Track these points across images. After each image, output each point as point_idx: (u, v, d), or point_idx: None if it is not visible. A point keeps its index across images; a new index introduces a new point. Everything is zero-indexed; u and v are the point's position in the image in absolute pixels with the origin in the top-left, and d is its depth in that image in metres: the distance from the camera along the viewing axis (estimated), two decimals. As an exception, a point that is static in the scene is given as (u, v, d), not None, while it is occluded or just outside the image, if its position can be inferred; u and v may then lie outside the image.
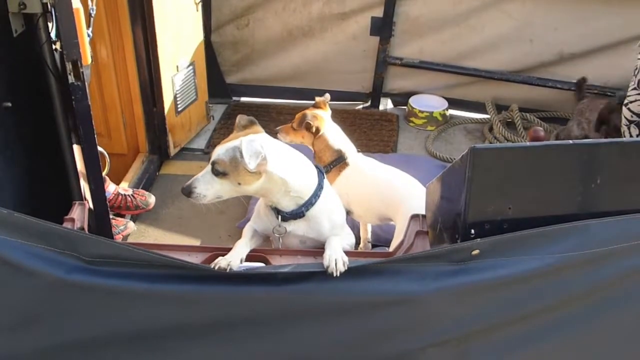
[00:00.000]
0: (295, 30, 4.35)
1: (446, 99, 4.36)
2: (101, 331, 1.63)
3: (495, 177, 1.54)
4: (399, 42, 4.31)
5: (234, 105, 4.50)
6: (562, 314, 1.63)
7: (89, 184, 2.24)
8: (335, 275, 1.60)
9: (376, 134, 4.16)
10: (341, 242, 1.92)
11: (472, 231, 1.57)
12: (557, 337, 1.66)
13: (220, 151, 1.95)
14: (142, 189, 3.40)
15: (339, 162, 2.64)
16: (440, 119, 4.28)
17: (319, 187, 2.07)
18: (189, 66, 3.75)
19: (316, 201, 2.05)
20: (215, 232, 3.21)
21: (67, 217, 1.97)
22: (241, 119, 2.10)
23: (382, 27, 4.23)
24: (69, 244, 1.55)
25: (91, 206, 2.23)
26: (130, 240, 3.10)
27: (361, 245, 2.86)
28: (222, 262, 1.66)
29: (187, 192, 1.95)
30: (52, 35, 2.04)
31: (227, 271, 1.64)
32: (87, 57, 2.13)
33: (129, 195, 3.23)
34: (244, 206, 3.13)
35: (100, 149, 2.31)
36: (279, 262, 1.87)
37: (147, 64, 3.43)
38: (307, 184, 2.05)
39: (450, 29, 4.18)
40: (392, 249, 2.20)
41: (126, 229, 3.12)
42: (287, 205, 2.04)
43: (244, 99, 4.63)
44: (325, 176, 2.16)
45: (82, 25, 2.10)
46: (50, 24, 2.04)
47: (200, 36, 3.87)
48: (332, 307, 1.62)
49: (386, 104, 4.56)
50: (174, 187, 3.52)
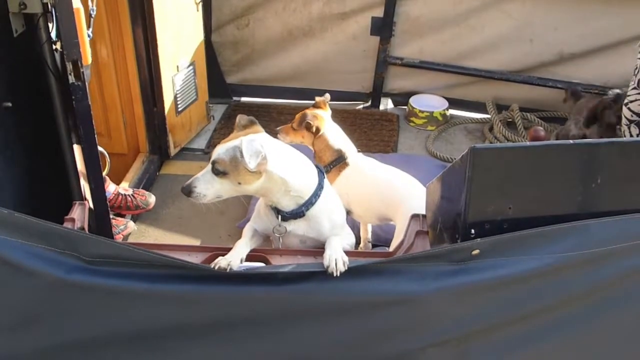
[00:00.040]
0: (295, 30, 4.35)
1: (446, 98, 4.36)
2: (101, 331, 1.63)
3: (495, 177, 1.54)
4: (399, 42, 4.31)
5: (234, 105, 4.49)
6: (562, 314, 1.63)
7: (89, 183, 2.24)
8: (335, 275, 1.60)
9: (376, 133, 4.15)
10: (341, 242, 1.92)
11: (472, 231, 1.57)
12: (557, 337, 1.66)
13: (220, 151, 1.95)
14: (142, 188, 3.40)
15: (339, 162, 2.64)
16: (440, 118, 4.27)
17: (319, 186, 2.07)
18: (189, 66, 3.74)
19: (316, 201, 2.05)
20: (215, 232, 3.21)
21: (68, 217, 1.97)
22: (241, 118, 2.10)
23: (383, 27, 4.23)
24: (69, 243, 1.55)
25: (91, 206, 2.23)
26: (130, 240, 3.10)
27: (361, 245, 2.86)
28: (222, 262, 1.66)
29: (187, 191, 1.95)
30: (53, 35, 2.04)
31: (227, 271, 1.64)
32: (87, 57, 2.13)
33: (129, 195, 3.23)
34: (244, 206, 3.12)
35: (100, 148, 2.31)
36: (279, 262, 1.87)
37: (148, 63, 3.43)
38: (307, 183, 2.05)
39: (450, 29, 4.18)
40: (392, 248, 2.20)
41: (126, 228, 3.12)
42: (287, 204, 2.04)
43: (244, 99, 4.63)
44: (325, 176, 2.16)
45: (83, 25, 2.10)
46: (50, 24, 2.04)
47: (200, 36, 3.87)
48: (332, 307, 1.62)
49: (386, 104, 4.56)
50: (174, 187, 3.51)
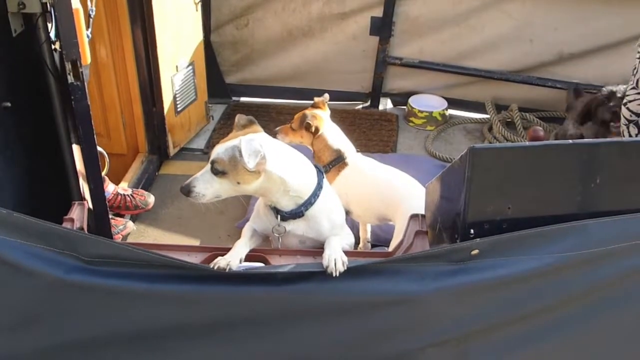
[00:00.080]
0: (295, 30, 4.35)
1: (446, 98, 4.36)
2: (101, 331, 1.63)
3: (494, 177, 1.54)
4: (398, 42, 4.31)
5: (234, 105, 4.49)
6: (561, 313, 1.63)
7: (89, 183, 2.24)
8: (334, 275, 1.60)
9: (376, 133, 4.15)
10: (341, 242, 1.91)
11: (472, 231, 1.57)
12: (557, 337, 1.66)
13: (219, 150, 1.94)
14: (141, 189, 3.40)
15: (338, 162, 2.64)
16: (439, 118, 4.27)
17: (319, 186, 2.07)
18: (188, 66, 3.74)
19: (315, 201, 2.05)
20: (214, 232, 3.21)
21: (67, 217, 1.97)
22: (240, 118, 2.10)
23: (382, 27, 4.23)
24: (68, 243, 1.55)
25: (90, 206, 2.23)
26: (129, 240, 3.10)
27: (361, 245, 2.86)
28: (221, 262, 1.66)
29: (186, 191, 1.95)
30: (52, 35, 2.04)
31: (227, 271, 1.64)
32: (86, 57, 2.12)
33: (128, 195, 3.23)
34: (243, 206, 3.12)
35: (99, 149, 2.31)
36: (279, 262, 1.87)
37: (147, 64, 3.43)
38: (306, 183, 2.05)
39: (450, 29, 4.18)
40: (391, 249, 2.20)
41: (125, 228, 3.12)
42: (287, 204, 2.04)
43: (243, 99, 4.63)
44: (324, 176, 2.16)
45: (82, 25, 2.10)
46: (49, 24, 2.04)
47: (199, 36, 3.87)
48: (332, 307, 1.62)
49: (386, 104, 4.56)
50: (174, 187, 3.51)
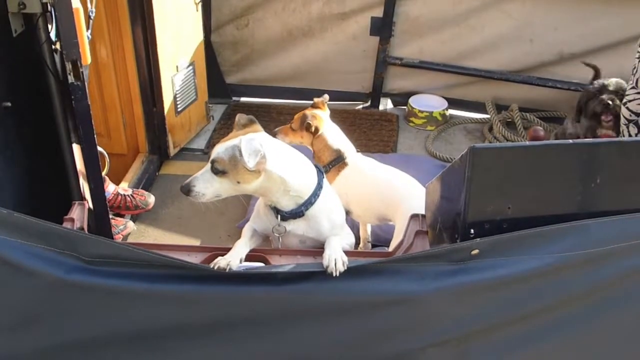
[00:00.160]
0: (295, 30, 4.35)
1: (446, 98, 4.36)
2: (101, 331, 1.63)
3: (494, 176, 1.54)
4: (398, 42, 4.30)
5: (234, 105, 4.49)
6: (561, 313, 1.63)
7: (89, 183, 2.24)
8: (334, 275, 1.60)
9: (376, 134, 4.15)
10: (341, 242, 1.91)
11: (472, 231, 1.57)
12: (557, 337, 1.66)
13: (219, 150, 1.94)
14: (141, 189, 3.40)
15: (338, 162, 2.64)
16: (440, 118, 4.27)
17: (319, 186, 2.07)
18: (188, 66, 3.74)
19: (316, 200, 2.05)
20: (215, 232, 3.21)
21: (67, 217, 1.97)
22: (241, 117, 2.09)
23: (382, 27, 4.23)
24: (68, 243, 1.55)
25: (91, 206, 2.23)
26: (129, 240, 3.10)
27: (361, 245, 2.86)
28: (221, 262, 1.66)
29: (186, 190, 1.95)
30: (52, 35, 2.04)
31: (227, 271, 1.64)
32: (86, 57, 2.12)
33: (128, 195, 3.23)
34: (244, 206, 3.12)
35: (100, 149, 2.31)
36: (279, 262, 1.87)
37: (147, 64, 3.43)
38: (306, 183, 2.05)
39: (450, 29, 4.18)
40: (391, 248, 2.20)
41: (126, 228, 3.12)
42: (287, 204, 2.04)
43: (243, 99, 4.63)
44: (324, 176, 2.16)
45: (82, 25, 2.10)
46: (49, 24, 2.04)
47: (200, 36, 3.87)
48: (332, 307, 1.62)
49: (386, 104, 4.56)
50: (174, 187, 3.51)
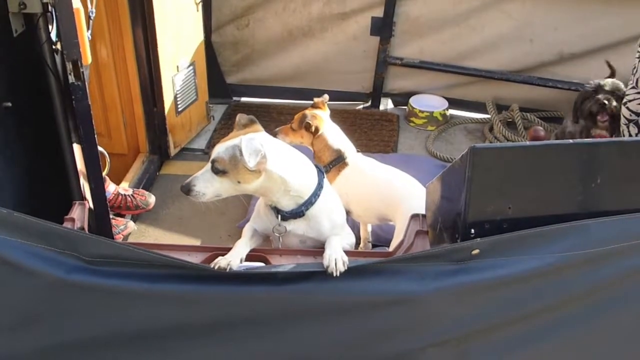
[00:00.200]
0: (295, 30, 4.35)
1: (446, 98, 4.36)
2: (101, 331, 1.63)
3: (495, 176, 1.54)
4: (399, 42, 4.30)
5: (234, 105, 4.49)
6: (562, 313, 1.63)
7: (89, 183, 2.24)
8: (335, 275, 1.60)
9: (376, 134, 4.15)
10: (341, 242, 1.91)
11: (472, 231, 1.57)
12: (557, 337, 1.66)
13: (220, 149, 1.94)
14: (142, 189, 3.40)
15: (338, 161, 2.64)
16: (440, 118, 4.27)
17: (319, 186, 2.07)
18: (189, 66, 3.74)
19: (316, 200, 2.05)
20: (215, 232, 3.21)
21: (67, 216, 1.97)
22: (241, 117, 2.09)
23: (383, 27, 4.23)
24: (69, 243, 1.55)
25: (91, 206, 2.23)
26: (130, 240, 3.10)
27: (361, 245, 2.86)
28: (222, 262, 1.66)
29: (186, 190, 1.95)
30: (52, 35, 2.04)
31: (227, 271, 1.64)
32: (87, 57, 2.13)
33: (129, 195, 3.23)
34: (244, 206, 3.12)
35: (100, 148, 2.31)
36: (279, 262, 1.87)
37: (148, 63, 3.43)
38: (306, 183, 2.05)
39: (450, 29, 4.18)
40: (391, 248, 2.20)
41: (126, 228, 3.12)
42: (287, 204, 2.04)
43: (244, 99, 4.63)
44: (325, 176, 2.16)
45: (82, 24, 2.10)
46: (50, 24, 2.04)
47: (200, 36, 3.87)
48: (332, 307, 1.62)
49: (386, 104, 4.55)
50: (174, 187, 3.51)
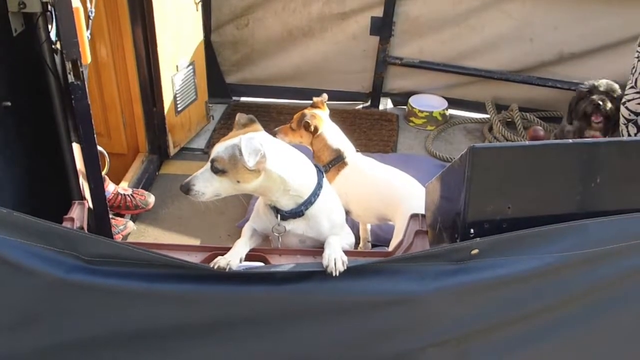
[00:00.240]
0: (295, 30, 4.35)
1: (446, 98, 4.36)
2: (101, 331, 1.63)
3: (494, 176, 1.54)
4: (398, 42, 4.31)
5: (234, 105, 4.49)
6: (561, 313, 1.63)
7: (89, 183, 2.24)
8: (334, 274, 1.60)
9: (376, 133, 4.15)
10: (340, 242, 1.91)
11: (472, 230, 1.57)
12: (557, 337, 1.66)
13: (219, 149, 1.94)
14: (141, 188, 3.40)
15: (337, 161, 2.64)
16: (440, 118, 4.27)
17: (319, 186, 2.07)
18: (188, 66, 3.74)
19: (315, 200, 2.05)
20: (215, 231, 3.21)
21: (67, 216, 1.97)
22: (241, 117, 2.09)
23: (382, 27, 4.23)
24: (68, 243, 1.55)
25: (91, 206, 2.23)
26: (129, 239, 3.09)
27: (361, 245, 2.86)
28: (221, 262, 1.66)
29: (186, 189, 1.95)
30: (52, 34, 2.04)
31: (227, 270, 1.64)
32: (86, 57, 2.12)
33: (128, 195, 3.23)
34: (243, 206, 3.12)
35: (99, 148, 2.31)
36: (279, 262, 1.87)
37: (147, 63, 3.43)
38: (306, 182, 2.04)
39: (450, 29, 4.18)
40: (391, 248, 2.20)
41: (126, 228, 3.12)
42: (287, 204, 2.04)
43: (243, 99, 4.63)
44: (324, 175, 2.15)
45: (82, 24, 2.10)
46: (49, 24, 2.04)
47: (200, 36, 3.87)
48: (332, 307, 1.62)
49: (386, 104, 4.56)
50: (174, 186, 3.51)
